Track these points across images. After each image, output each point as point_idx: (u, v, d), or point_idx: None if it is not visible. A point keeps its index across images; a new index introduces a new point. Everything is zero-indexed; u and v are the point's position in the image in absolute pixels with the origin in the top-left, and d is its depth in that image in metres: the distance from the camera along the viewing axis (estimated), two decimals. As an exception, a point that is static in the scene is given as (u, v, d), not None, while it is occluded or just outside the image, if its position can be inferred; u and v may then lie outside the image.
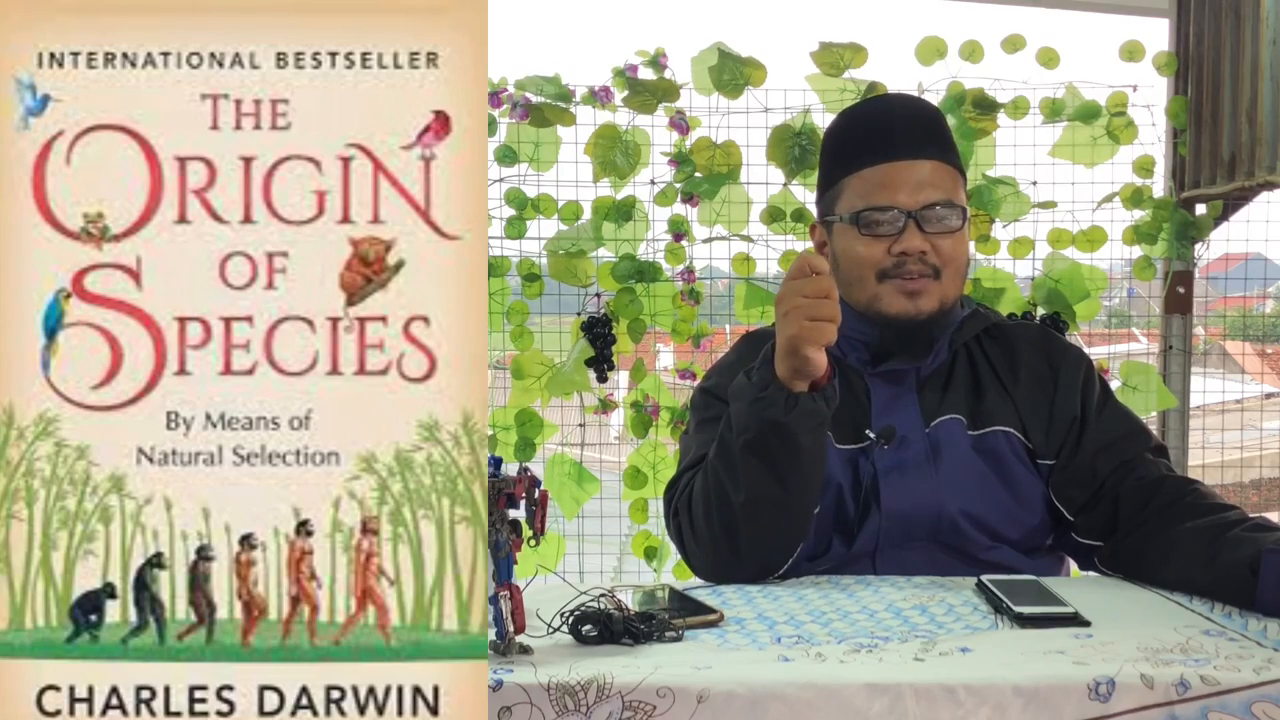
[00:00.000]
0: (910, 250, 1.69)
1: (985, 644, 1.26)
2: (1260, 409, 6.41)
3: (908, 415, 1.73)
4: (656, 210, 2.72)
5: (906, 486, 1.68)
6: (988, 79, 2.69)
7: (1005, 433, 1.73)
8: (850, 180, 1.74)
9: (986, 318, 1.82)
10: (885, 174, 1.71)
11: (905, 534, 1.68)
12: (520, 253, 2.74)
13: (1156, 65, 2.78)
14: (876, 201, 1.71)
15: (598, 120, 2.69)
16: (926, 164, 1.72)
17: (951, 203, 1.71)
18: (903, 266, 1.70)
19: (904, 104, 1.83)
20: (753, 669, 1.18)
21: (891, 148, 1.72)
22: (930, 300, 1.71)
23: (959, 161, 1.78)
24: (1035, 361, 1.79)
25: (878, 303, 1.72)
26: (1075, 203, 2.77)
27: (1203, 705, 1.13)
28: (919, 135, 1.73)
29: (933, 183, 1.71)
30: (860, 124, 1.79)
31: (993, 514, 1.71)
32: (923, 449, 1.71)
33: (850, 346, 1.77)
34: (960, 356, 1.79)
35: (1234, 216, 2.79)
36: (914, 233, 1.69)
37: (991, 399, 1.75)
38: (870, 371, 1.76)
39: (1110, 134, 2.74)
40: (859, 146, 1.75)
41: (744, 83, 2.67)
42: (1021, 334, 1.85)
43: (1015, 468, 1.73)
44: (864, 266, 1.72)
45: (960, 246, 1.73)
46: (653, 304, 2.72)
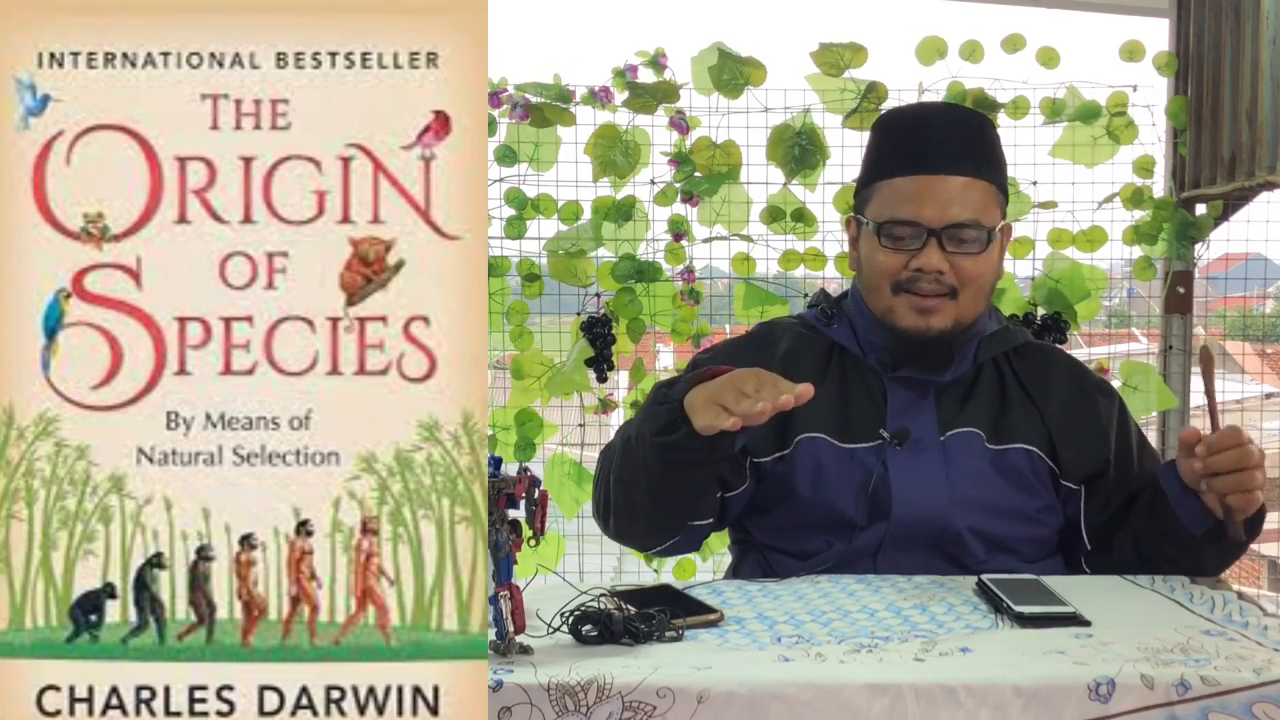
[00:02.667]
0: (926, 268, 1.68)
1: (985, 644, 1.26)
2: (1260, 409, 6.40)
3: (923, 422, 1.72)
4: (656, 210, 2.72)
5: (917, 494, 1.68)
6: (988, 79, 2.68)
7: (1027, 450, 1.73)
8: (881, 186, 1.74)
9: (1015, 335, 1.82)
10: (914, 186, 1.70)
11: (909, 539, 1.67)
12: (520, 253, 2.74)
13: (1156, 65, 2.78)
14: (901, 214, 1.70)
15: (598, 120, 2.69)
16: (958, 180, 1.70)
17: (978, 223, 1.69)
18: (917, 282, 1.69)
19: (944, 115, 1.81)
20: (753, 669, 1.18)
21: (924, 160, 1.71)
22: (943, 319, 1.70)
23: (999, 177, 1.76)
24: (1068, 387, 1.80)
25: (890, 314, 1.72)
26: (1075, 203, 2.76)
27: (1203, 706, 1.13)
28: (955, 150, 1.71)
29: (961, 201, 1.69)
30: (899, 130, 1.78)
31: (1002, 529, 1.71)
32: (937, 457, 1.71)
33: (870, 347, 1.78)
34: (986, 370, 1.78)
35: (1234, 216, 2.78)
36: (934, 250, 1.68)
37: (1017, 415, 1.75)
38: (889, 375, 1.76)
39: (1110, 134, 2.73)
40: (894, 153, 1.75)
41: (744, 83, 2.67)
42: (1053, 357, 1.87)
43: (1034, 486, 1.73)
44: (881, 276, 1.72)
45: (982, 266, 1.71)
46: (652, 304, 2.72)
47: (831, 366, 1.78)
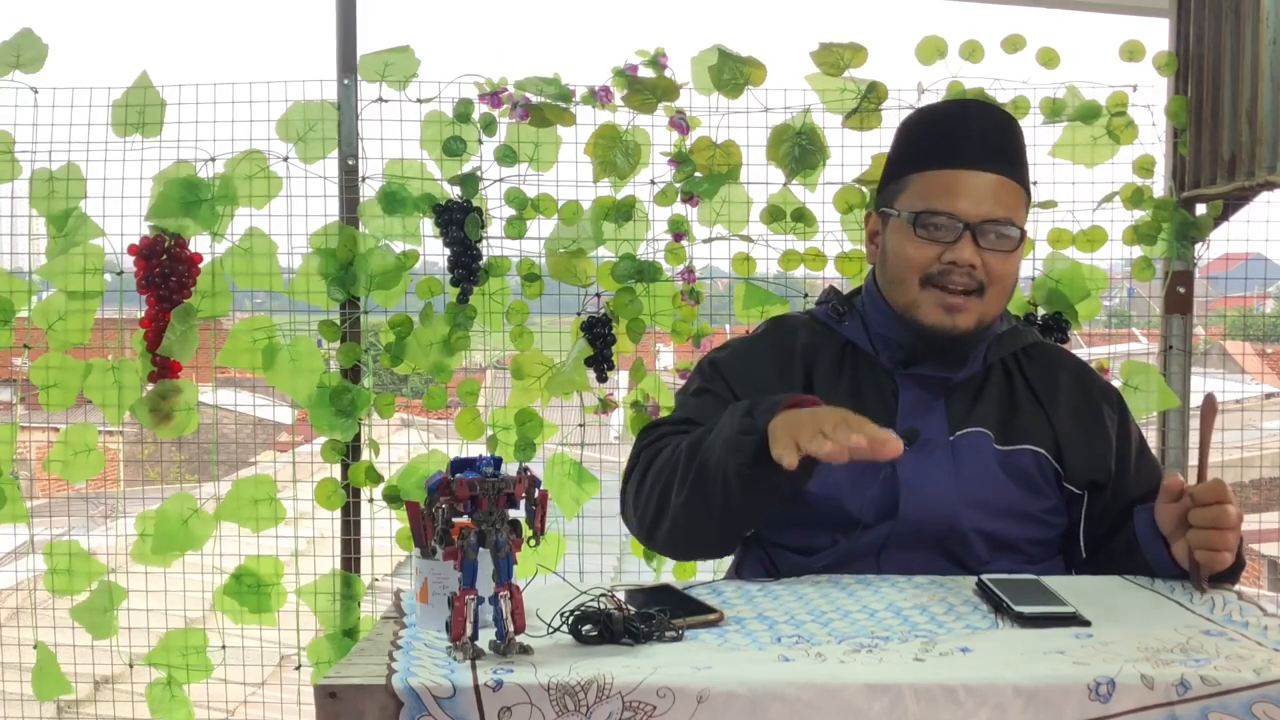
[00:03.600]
0: (960, 261, 1.68)
1: (985, 644, 1.26)
2: (1260, 409, 6.41)
3: (933, 421, 1.72)
4: (656, 210, 2.72)
5: (925, 493, 1.68)
6: (988, 79, 2.69)
7: (1035, 452, 1.73)
8: (915, 178, 1.73)
9: (1025, 336, 1.83)
10: (951, 179, 1.70)
11: (914, 538, 1.67)
12: (520, 253, 2.74)
13: (1156, 65, 2.78)
14: (938, 205, 1.70)
15: (598, 120, 2.69)
16: (993, 178, 1.70)
17: (1012, 222, 1.70)
18: (948, 276, 1.69)
19: (981, 112, 1.81)
20: (753, 669, 1.18)
21: (962, 154, 1.71)
22: (968, 318, 1.71)
23: (1026, 180, 1.76)
24: (1075, 390, 1.80)
25: (915, 309, 1.72)
26: (1075, 203, 2.76)
27: (1203, 706, 1.12)
28: (990, 147, 1.71)
29: (996, 198, 1.69)
30: (936, 123, 1.78)
31: (1008, 530, 1.71)
32: (946, 457, 1.71)
33: (883, 345, 1.77)
34: (995, 370, 1.79)
35: (1234, 216, 2.78)
36: (968, 244, 1.68)
37: (1025, 417, 1.75)
38: (901, 373, 1.76)
39: (1110, 134, 2.74)
40: (931, 145, 1.74)
41: (744, 82, 2.67)
42: (1061, 359, 1.87)
43: (1040, 487, 1.73)
44: (910, 268, 1.72)
45: (1010, 266, 1.72)
46: (653, 304, 2.72)
47: (845, 363, 1.79)
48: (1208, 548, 1.52)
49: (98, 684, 3.39)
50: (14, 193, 2.81)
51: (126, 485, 3.62)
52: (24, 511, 2.78)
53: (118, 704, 3.45)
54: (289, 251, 2.73)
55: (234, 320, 2.84)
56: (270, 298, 2.86)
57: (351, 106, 2.70)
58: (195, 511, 2.74)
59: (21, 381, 2.87)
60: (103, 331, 2.77)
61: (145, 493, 3.12)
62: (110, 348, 2.78)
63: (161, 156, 2.69)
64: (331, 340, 2.74)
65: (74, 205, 2.70)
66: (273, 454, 4.16)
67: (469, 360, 2.81)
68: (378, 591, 3.22)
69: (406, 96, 2.68)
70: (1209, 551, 1.52)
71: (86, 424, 2.81)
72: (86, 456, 2.77)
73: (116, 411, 2.74)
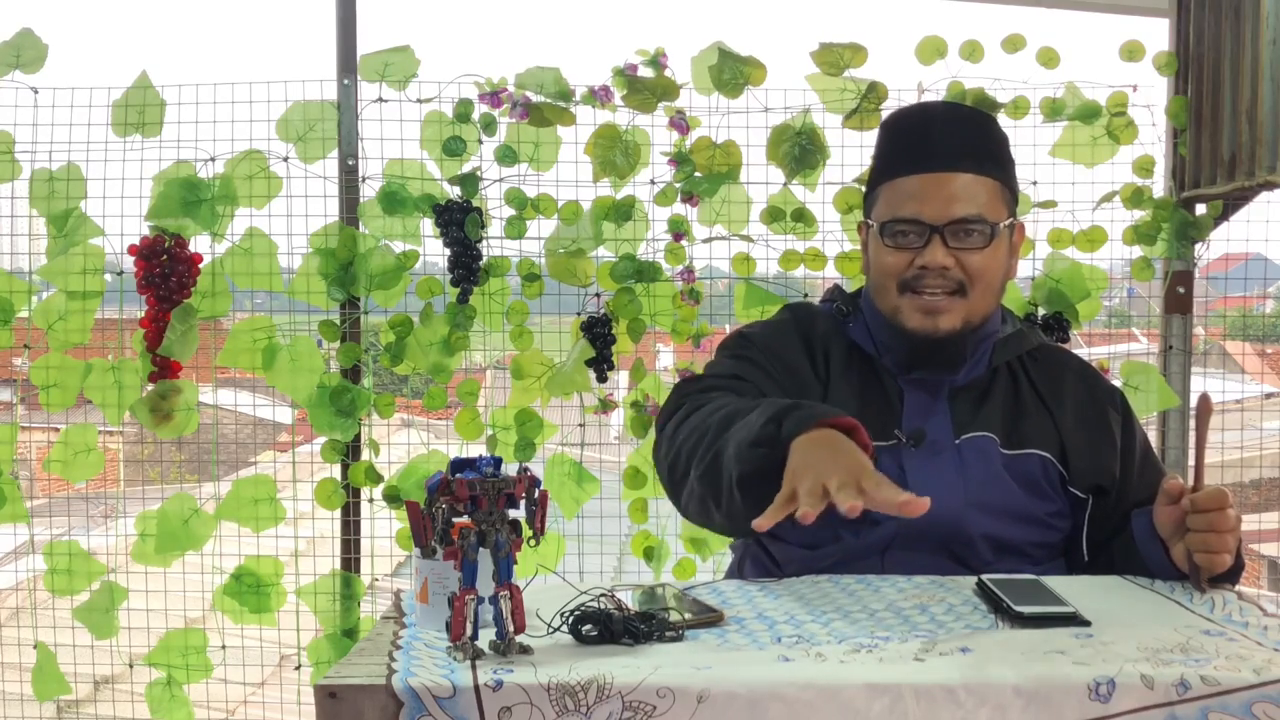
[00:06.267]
0: (930, 265, 1.69)
1: (985, 644, 1.26)
2: (1260, 409, 6.41)
3: (938, 424, 1.72)
4: (656, 210, 2.72)
5: (932, 496, 1.67)
6: (988, 79, 2.69)
7: (1041, 456, 1.74)
8: (884, 188, 1.74)
9: (1030, 338, 1.83)
10: (915, 185, 1.70)
11: (919, 539, 1.67)
12: (520, 253, 2.74)
13: (1156, 65, 2.78)
14: (903, 213, 1.70)
15: (597, 120, 2.69)
16: (962, 176, 1.70)
17: (982, 218, 1.69)
18: (922, 280, 1.70)
19: (945, 114, 1.80)
20: (753, 669, 1.18)
21: (926, 159, 1.71)
22: (952, 319, 1.71)
23: (1005, 174, 1.75)
24: (1081, 394, 1.80)
25: (898, 315, 1.73)
26: (1075, 203, 2.77)
27: (1203, 706, 1.12)
28: (956, 146, 1.71)
29: (965, 197, 1.69)
30: (900, 131, 1.78)
31: (1013, 533, 1.71)
32: (952, 460, 1.71)
33: (885, 349, 1.78)
34: (1001, 373, 1.79)
35: (1234, 216, 2.79)
36: (938, 247, 1.68)
37: (1031, 421, 1.75)
38: (903, 377, 1.76)
39: (1110, 134, 2.74)
40: (896, 154, 1.75)
41: (744, 82, 2.67)
42: (1066, 361, 1.87)
43: (1046, 491, 1.73)
44: (887, 276, 1.73)
45: (990, 261, 1.71)
46: (652, 304, 2.72)
47: (852, 363, 1.79)
48: (1206, 550, 1.52)
49: (97, 684, 3.39)
50: (14, 193, 2.82)
51: (126, 485, 3.61)
52: (24, 511, 2.78)
53: (117, 704, 3.45)
54: (289, 251, 2.73)
55: (234, 320, 2.84)
56: (270, 298, 2.86)
57: (351, 106, 2.70)
58: (195, 511, 2.74)
59: (21, 381, 2.87)
60: (103, 331, 2.77)
61: (145, 493, 3.12)
62: (110, 348, 2.78)
63: (161, 156, 2.69)
64: (331, 340, 2.74)
65: (74, 205, 2.70)
66: (273, 454, 4.16)
67: (469, 360, 2.81)
68: (378, 591, 3.22)
69: (406, 96, 2.68)
70: (1208, 554, 1.52)
71: (86, 424, 2.81)
72: (86, 456, 2.77)
73: (116, 411, 2.74)
